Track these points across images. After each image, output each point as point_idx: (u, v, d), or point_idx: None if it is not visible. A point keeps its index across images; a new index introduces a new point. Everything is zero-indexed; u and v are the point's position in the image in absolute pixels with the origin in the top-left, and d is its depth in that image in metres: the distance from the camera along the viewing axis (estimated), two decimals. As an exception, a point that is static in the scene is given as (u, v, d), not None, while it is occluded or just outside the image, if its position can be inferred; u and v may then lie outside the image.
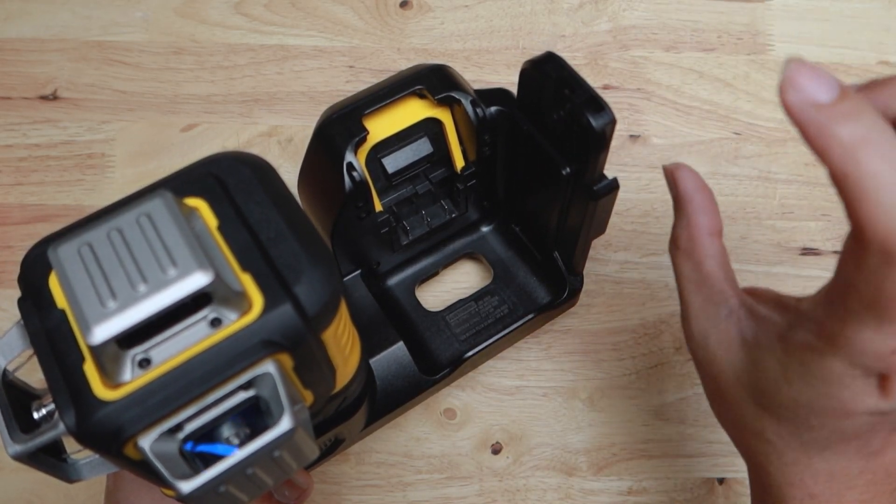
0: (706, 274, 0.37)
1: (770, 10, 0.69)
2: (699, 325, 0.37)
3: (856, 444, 0.33)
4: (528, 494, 0.55)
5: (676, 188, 0.38)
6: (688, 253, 0.37)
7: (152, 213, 0.27)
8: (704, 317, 0.36)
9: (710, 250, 0.37)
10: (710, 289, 0.36)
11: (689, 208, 0.37)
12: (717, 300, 0.36)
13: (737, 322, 0.35)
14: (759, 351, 0.34)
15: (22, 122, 0.63)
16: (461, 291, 0.59)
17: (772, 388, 0.33)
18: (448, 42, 0.67)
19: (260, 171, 0.32)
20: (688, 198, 0.37)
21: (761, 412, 0.34)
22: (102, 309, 0.25)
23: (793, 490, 0.35)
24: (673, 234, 0.38)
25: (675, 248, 0.38)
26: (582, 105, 0.40)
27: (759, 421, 0.35)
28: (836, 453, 0.34)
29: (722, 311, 0.36)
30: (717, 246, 0.37)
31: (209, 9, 0.67)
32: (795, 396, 0.32)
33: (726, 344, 0.35)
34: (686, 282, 0.37)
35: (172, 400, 0.26)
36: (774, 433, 0.35)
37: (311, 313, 0.29)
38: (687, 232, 0.37)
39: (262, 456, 0.27)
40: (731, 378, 0.35)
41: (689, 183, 0.38)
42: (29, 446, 0.30)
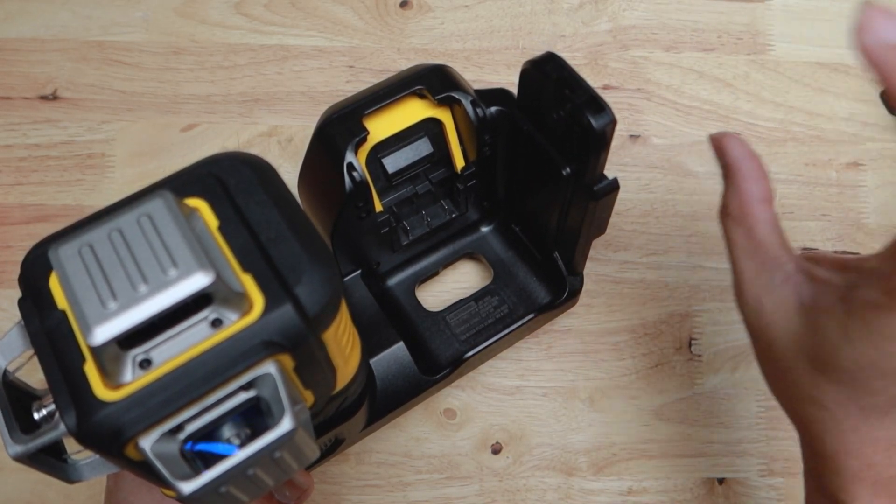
0: (759, 241, 0.36)
1: (770, 10, 0.68)
2: (753, 292, 0.36)
3: None
4: (528, 494, 0.55)
5: (725, 156, 0.38)
6: (739, 220, 0.37)
7: (153, 214, 0.27)
8: (759, 283, 0.36)
9: (762, 217, 0.37)
10: (764, 255, 0.36)
11: (738, 176, 0.37)
12: (772, 266, 0.36)
13: (794, 287, 0.35)
14: (818, 314, 0.33)
15: (22, 122, 0.63)
16: (461, 291, 0.59)
17: (832, 351, 0.32)
18: (448, 42, 0.67)
19: (260, 172, 0.32)
20: (737, 166, 0.37)
21: (819, 377, 0.34)
22: (103, 310, 0.25)
23: (850, 459, 0.34)
24: (723, 203, 0.38)
25: (726, 215, 0.38)
26: (582, 105, 0.40)
27: (816, 387, 0.34)
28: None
29: (777, 276, 0.35)
30: (769, 213, 0.37)
31: (209, 9, 0.67)
32: (857, 358, 0.31)
33: (783, 309, 0.35)
34: (738, 249, 0.37)
35: (173, 401, 0.26)
36: (832, 399, 0.34)
37: (312, 314, 0.29)
38: (737, 199, 0.37)
39: (262, 456, 0.27)
40: (787, 344, 0.35)
41: (737, 150, 0.38)
42: (29, 447, 0.30)
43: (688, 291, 0.60)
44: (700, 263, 0.61)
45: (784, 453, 0.56)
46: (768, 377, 0.38)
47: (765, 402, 0.57)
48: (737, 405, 0.57)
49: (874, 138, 0.64)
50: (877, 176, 0.63)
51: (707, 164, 0.63)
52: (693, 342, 0.58)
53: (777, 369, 0.37)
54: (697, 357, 0.58)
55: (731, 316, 0.59)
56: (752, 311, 0.37)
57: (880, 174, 0.63)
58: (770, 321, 0.35)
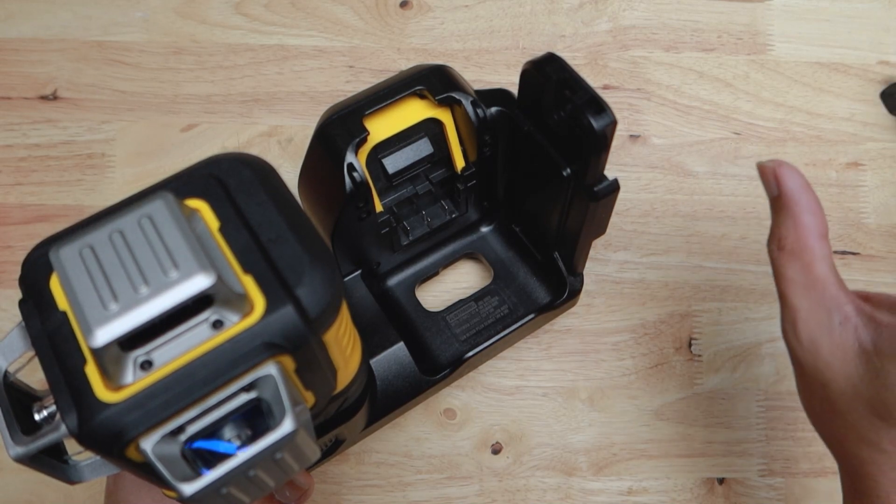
0: (817, 277, 0.36)
1: (770, 10, 0.68)
2: (809, 331, 0.36)
3: None
4: (528, 494, 0.55)
5: (782, 186, 0.37)
6: (796, 254, 0.36)
7: (154, 215, 0.27)
8: (815, 323, 0.35)
9: (821, 252, 0.36)
10: (822, 293, 0.36)
11: (796, 209, 0.36)
12: (830, 305, 0.35)
13: (853, 330, 0.34)
14: (881, 359, 0.33)
15: (22, 122, 0.63)
16: (461, 291, 0.59)
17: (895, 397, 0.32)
18: (448, 42, 0.67)
19: (261, 172, 0.32)
20: (795, 198, 0.36)
21: (879, 422, 0.34)
22: (104, 311, 0.25)
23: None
24: (776, 235, 0.37)
25: (780, 249, 0.37)
26: (583, 106, 0.40)
27: (875, 431, 0.34)
28: None
29: (835, 317, 0.35)
30: (827, 249, 0.36)
31: (209, 9, 0.67)
32: None
33: (841, 352, 0.35)
34: (793, 285, 0.36)
35: (174, 402, 0.26)
36: (892, 442, 0.34)
37: (313, 315, 0.29)
38: (794, 233, 0.36)
39: (263, 458, 0.27)
40: (845, 387, 0.35)
41: (795, 181, 0.37)
42: (30, 448, 0.30)
43: (688, 291, 0.60)
44: (700, 263, 0.61)
45: (784, 453, 0.56)
46: (815, 414, 0.38)
47: (765, 402, 0.57)
48: (737, 405, 0.57)
49: (874, 138, 0.64)
50: (877, 176, 0.63)
51: (707, 164, 0.63)
52: (693, 342, 0.58)
53: (830, 410, 0.36)
54: (697, 357, 0.58)
55: (731, 316, 0.59)
56: (806, 351, 0.36)
57: (880, 174, 0.63)
58: (827, 363, 0.35)
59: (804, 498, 0.56)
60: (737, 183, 0.63)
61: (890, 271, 0.61)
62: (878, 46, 0.67)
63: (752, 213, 0.62)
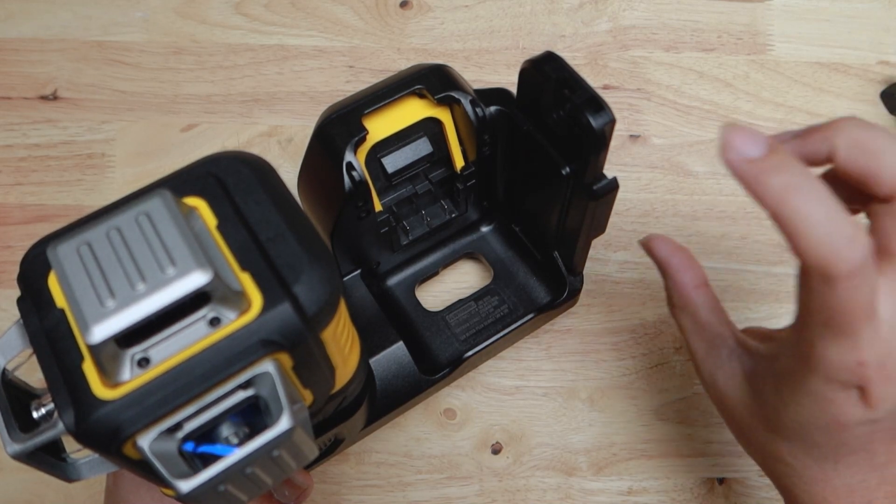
0: (703, 323, 0.41)
1: (770, 10, 0.68)
2: (707, 368, 0.40)
3: (863, 456, 0.35)
4: (528, 494, 0.55)
5: (655, 256, 0.43)
6: (682, 308, 0.42)
7: (151, 213, 0.27)
8: (710, 360, 0.40)
9: (700, 300, 0.41)
10: (710, 334, 0.40)
11: (670, 270, 0.42)
12: (718, 343, 0.40)
13: (738, 359, 0.39)
14: (757, 381, 0.37)
15: (22, 122, 0.63)
16: (461, 291, 0.59)
17: (775, 412, 0.36)
18: (448, 42, 0.67)
19: (259, 171, 0.32)
20: (666, 262, 0.42)
21: (774, 436, 0.37)
22: (101, 308, 0.25)
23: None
24: (667, 296, 0.43)
25: (671, 306, 0.43)
26: (582, 105, 0.40)
27: (774, 445, 0.37)
28: (848, 466, 0.36)
29: (723, 352, 0.40)
30: (706, 295, 0.41)
31: (209, 9, 0.67)
32: (794, 417, 0.35)
33: (732, 380, 0.39)
34: (688, 333, 0.42)
35: (171, 399, 0.26)
36: (789, 454, 0.37)
37: (311, 313, 0.29)
38: (676, 291, 0.42)
39: (261, 455, 0.27)
40: (742, 410, 0.39)
41: (663, 249, 0.42)
42: (28, 445, 0.30)
43: (688, 291, 0.60)
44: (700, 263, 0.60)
45: (784, 453, 0.56)
46: (741, 442, 0.42)
47: (765, 402, 0.57)
48: (737, 405, 0.57)
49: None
50: (877, 176, 0.63)
51: (707, 164, 0.63)
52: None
53: (742, 433, 0.40)
54: (697, 357, 0.58)
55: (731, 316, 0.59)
56: (709, 386, 0.41)
57: (880, 174, 0.63)
58: (724, 392, 0.39)
59: (804, 498, 0.56)
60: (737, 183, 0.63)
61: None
62: (878, 46, 0.67)
63: (752, 213, 0.62)
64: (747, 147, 0.31)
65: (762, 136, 0.31)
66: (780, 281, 0.60)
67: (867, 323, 0.30)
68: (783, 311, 0.60)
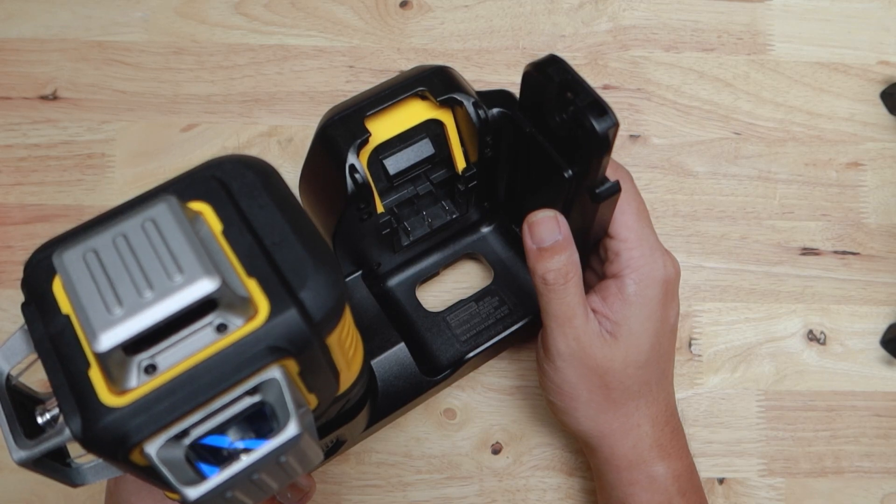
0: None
1: (770, 10, 0.69)
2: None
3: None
4: (528, 494, 0.55)
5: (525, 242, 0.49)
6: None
7: (157, 219, 0.27)
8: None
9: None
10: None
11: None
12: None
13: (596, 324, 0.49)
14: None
15: (22, 122, 0.63)
16: (462, 292, 0.59)
17: None
18: (448, 42, 0.67)
19: (263, 175, 0.32)
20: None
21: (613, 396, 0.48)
22: (109, 315, 0.25)
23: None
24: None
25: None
26: (585, 108, 0.40)
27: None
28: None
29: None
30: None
31: (209, 9, 0.67)
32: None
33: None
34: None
35: (179, 406, 0.26)
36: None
37: (317, 319, 0.29)
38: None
39: (268, 461, 0.27)
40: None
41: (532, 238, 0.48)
42: (34, 452, 0.30)
43: (688, 291, 0.60)
44: (700, 263, 0.61)
45: (784, 453, 0.57)
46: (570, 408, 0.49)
47: (765, 402, 0.57)
48: (737, 405, 0.58)
49: (874, 138, 0.65)
50: (877, 176, 0.63)
51: (707, 164, 0.63)
52: (693, 342, 0.59)
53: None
54: (697, 357, 0.58)
55: (731, 316, 0.60)
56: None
57: (880, 174, 0.63)
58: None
59: (804, 498, 0.56)
60: (737, 183, 0.63)
61: (890, 271, 0.61)
62: (878, 46, 0.67)
63: (751, 213, 0.62)
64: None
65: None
66: (780, 281, 0.60)
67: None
68: (783, 311, 0.60)
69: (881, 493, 0.56)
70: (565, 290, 0.44)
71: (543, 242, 0.44)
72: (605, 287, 0.46)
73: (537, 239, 0.44)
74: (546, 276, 0.44)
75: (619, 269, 0.46)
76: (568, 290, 0.44)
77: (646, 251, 0.46)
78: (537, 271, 0.44)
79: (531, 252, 0.44)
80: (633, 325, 0.45)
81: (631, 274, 0.45)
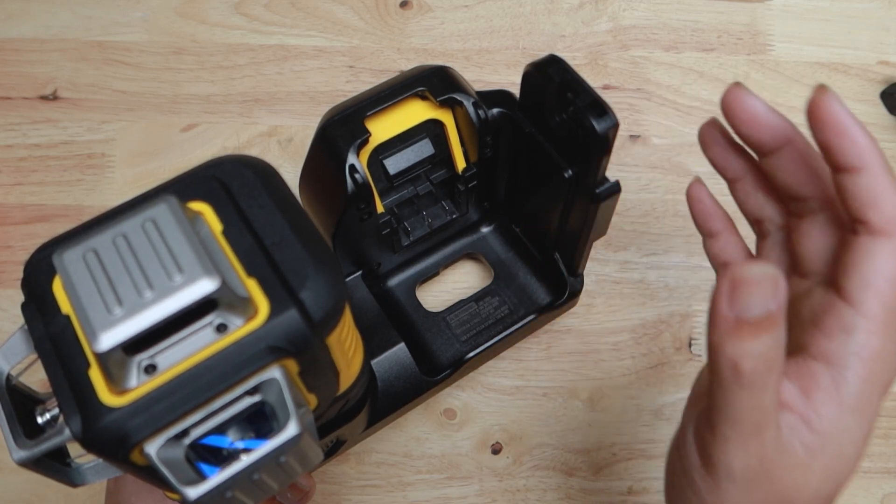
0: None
1: (770, 10, 0.69)
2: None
3: None
4: (528, 494, 0.55)
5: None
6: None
7: (157, 219, 0.27)
8: None
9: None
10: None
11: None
12: None
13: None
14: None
15: (22, 122, 0.63)
16: (462, 292, 0.59)
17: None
18: (448, 42, 0.67)
19: (263, 175, 0.32)
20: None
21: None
22: (109, 315, 0.25)
23: None
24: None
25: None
26: (585, 109, 0.40)
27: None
28: None
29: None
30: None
31: (209, 9, 0.67)
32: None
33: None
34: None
35: (179, 406, 0.26)
36: None
37: (317, 319, 0.29)
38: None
39: (268, 461, 0.27)
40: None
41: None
42: (34, 452, 0.30)
43: (688, 291, 0.60)
44: (700, 263, 0.61)
45: (784, 453, 0.56)
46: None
47: (764, 403, 0.57)
48: (737, 405, 0.57)
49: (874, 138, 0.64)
50: (876, 176, 0.63)
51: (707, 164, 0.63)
52: (693, 342, 0.59)
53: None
54: (697, 357, 0.58)
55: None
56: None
57: (880, 174, 0.63)
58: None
59: (804, 498, 0.56)
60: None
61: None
62: (878, 46, 0.67)
63: (751, 213, 0.62)
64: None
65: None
66: (779, 281, 0.60)
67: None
68: (783, 311, 0.60)
69: (881, 493, 0.56)
70: (764, 388, 0.28)
71: (749, 312, 0.27)
72: (810, 374, 0.31)
73: (740, 306, 0.27)
74: (742, 362, 0.27)
75: (842, 353, 0.30)
76: (767, 387, 0.28)
77: (891, 339, 0.30)
78: (727, 352, 0.28)
79: (722, 321, 0.27)
80: (843, 441, 0.30)
81: (860, 368, 0.30)
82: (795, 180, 0.34)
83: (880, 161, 0.30)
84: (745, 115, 0.33)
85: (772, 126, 0.33)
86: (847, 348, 0.30)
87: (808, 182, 0.33)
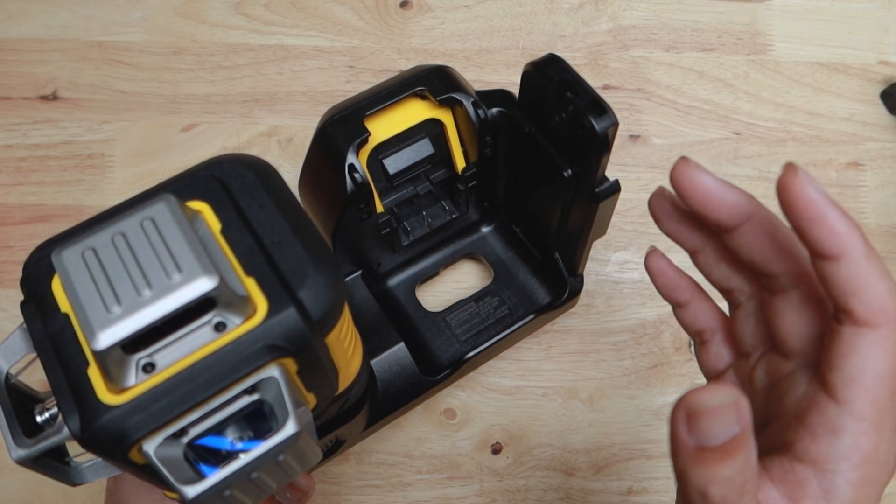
0: None
1: (770, 10, 0.69)
2: None
3: None
4: (528, 494, 0.55)
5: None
6: None
7: (156, 218, 0.27)
8: None
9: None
10: None
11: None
12: None
13: None
14: None
15: (22, 122, 0.63)
16: (461, 292, 0.59)
17: None
18: (448, 42, 0.67)
19: (263, 174, 0.32)
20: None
21: None
22: (107, 314, 0.25)
23: None
24: None
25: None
26: (584, 108, 0.40)
27: None
28: None
29: None
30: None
31: (209, 9, 0.67)
32: None
33: None
34: None
35: (177, 405, 0.26)
36: None
37: (315, 318, 0.29)
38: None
39: (266, 460, 0.27)
40: None
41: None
42: (33, 451, 0.30)
43: (688, 292, 0.60)
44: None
45: (784, 453, 0.56)
46: None
47: (764, 403, 0.57)
48: (737, 405, 0.57)
49: (874, 138, 0.64)
50: (877, 176, 0.63)
51: (707, 164, 0.63)
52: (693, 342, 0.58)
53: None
54: (697, 357, 0.58)
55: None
56: None
57: (880, 174, 0.63)
58: None
59: (804, 498, 0.56)
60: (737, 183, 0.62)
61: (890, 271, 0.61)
62: (878, 46, 0.67)
63: (751, 213, 0.62)
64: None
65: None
66: (779, 281, 0.60)
67: None
68: (783, 311, 0.60)
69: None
70: None
71: (711, 440, 0.25)
72: (797, 479, 0.28)
73: (702, 435, 0.25)
74: (709, 489, 0.26)
75: (830, 456, 0.27)
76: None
77: (883, 439, 0.28)
78: (693, 481, 0.26)
79: (685, 450, 0.26)
80: None
81: (850, 473, 0.27)
82: (762, 258, 0.31)
83: (862, 246, 0.27)
84: (697, 194, 0.31)
85: (727, 203, 0.31)
86: (836, 452, 0.27)
87: (776, 259, 0.31)
